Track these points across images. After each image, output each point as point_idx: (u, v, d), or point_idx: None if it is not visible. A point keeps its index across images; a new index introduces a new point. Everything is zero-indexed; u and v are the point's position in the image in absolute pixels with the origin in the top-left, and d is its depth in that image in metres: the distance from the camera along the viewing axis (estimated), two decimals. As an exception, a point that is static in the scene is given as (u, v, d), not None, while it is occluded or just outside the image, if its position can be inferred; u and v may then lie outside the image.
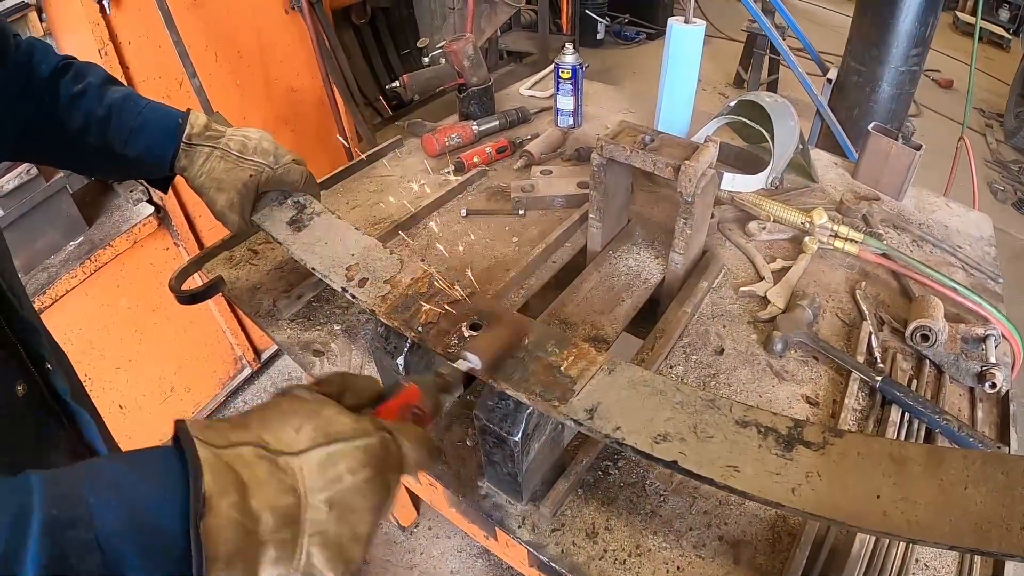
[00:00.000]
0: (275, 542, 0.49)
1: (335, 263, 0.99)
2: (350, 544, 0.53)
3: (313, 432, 0.54)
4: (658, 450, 0.65)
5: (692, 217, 1.13)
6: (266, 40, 2.25)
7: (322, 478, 0.52)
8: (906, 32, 2.13)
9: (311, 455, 0.53)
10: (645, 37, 6.07)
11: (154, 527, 0.44)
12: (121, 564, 0.42)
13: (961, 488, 0.61)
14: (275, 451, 0.52)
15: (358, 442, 0.55)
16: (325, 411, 0.57)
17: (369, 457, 0.55)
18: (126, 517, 0.44)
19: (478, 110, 1.85)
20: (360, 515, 0.54)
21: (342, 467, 0.53)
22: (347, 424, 0.56)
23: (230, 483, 0.47)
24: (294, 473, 0.52)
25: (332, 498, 0.52)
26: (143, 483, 0.46)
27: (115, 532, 0.43)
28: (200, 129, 1.03)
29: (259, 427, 0.54)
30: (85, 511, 0.42)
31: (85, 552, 0.41)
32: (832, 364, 1.11)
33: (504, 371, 0.75)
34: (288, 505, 0.50)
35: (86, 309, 1.89)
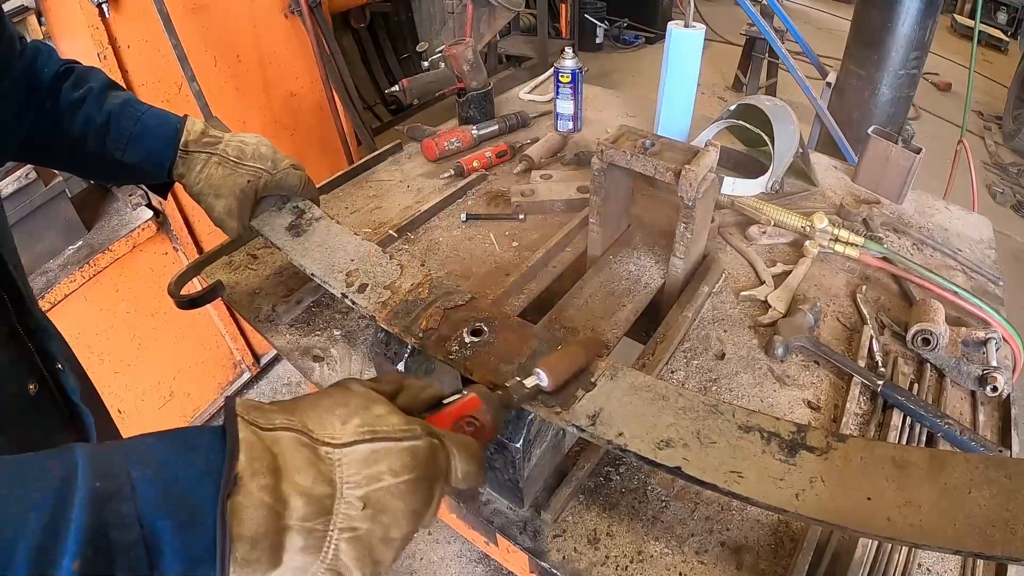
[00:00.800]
0: (303, 530, 0.48)
1: (334, 268, 0.99)
2: (380, 546, 0.52)
3: (359, 426, 0.54)
4: (661, 456, 0.64)
5: (693, 221, 1.13)
6: (265, 45, 2.25)
7: (361, 474, 0.51)
8: (905, 36, 2.14)
9: (354, 449, 0.52)
10: (644, 41, 6.09)
11: (190, 504, 0.45)
12: (158, 539, 0.43)
13: (964, 492, 0.60)
14: (318, 440, 0.52)
15: (405, 444, 0.54)
16: (376, 408, 0.56)
17: (414, 460, 0.54)
18: (165, 493, 0.44)
19: (478, 114, 1.85)
20: (394, 518, 0.52)
21: (384, 466, 0.52)
22: (396, 424, 0.55)
23: (265, 465, 0.48)
24: (333, 465, 0.51)
25: (368, 496, 0.51)
26: (184, 460, 0.47)
27: (154, 507, 0.43)
28: (196, 135, 1.02)
29: (307, 413, 0.54)
30: (127, 484, 0.43)
31: (125, 525, 0.42)
32: (833, 368, 1.11)
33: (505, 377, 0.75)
34: (322, 495, 0.50)
35: (85, 313, 1.89)
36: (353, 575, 0.52)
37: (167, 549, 0.43)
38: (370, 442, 0.53)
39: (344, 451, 0.52)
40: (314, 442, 0.51)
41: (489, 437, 0.65)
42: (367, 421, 0.54)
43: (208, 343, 2.42)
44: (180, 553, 0.44)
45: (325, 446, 0.52)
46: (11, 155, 1.00)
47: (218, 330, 2.44)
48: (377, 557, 0.52)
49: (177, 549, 0.44)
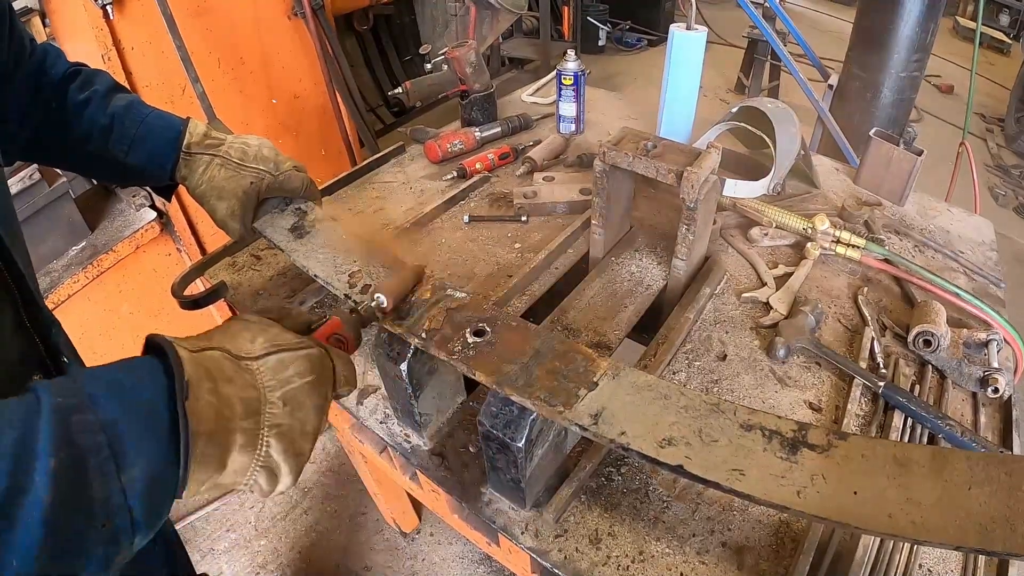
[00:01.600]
0: (241, 430, 0.57)
1: (337, 269, 0.99)
2: (300, 438, 0.63)
3: (265, 342, 0.64)
4: (663, 454, 0.65)
5: (694, 223, 1.13)
6: (269, 47, 2.26)
7: (276, 379, 0.62)
8: (907, 38, 2.14)
9: (267, 360, 0.63)
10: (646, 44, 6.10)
11: (145, 407, 0.52)
12: (120, 440, 0.49)
13: (965, 489, 0.61)
14: (236, 356, 0.62)
15: (303, 352, 0.65)
16: (272, 329, 0.67)
17: (312, 364, 0.65)
18: (121, 401, 0.51)
19: (480, 116, 1.86)
20: (308, 413, 0.64)
21: (292, 371, 0.63)
22: (292, 338, 0.67)
23: (205, 374, 0.56)
24: (253, 373, 0.61)
25: (285, 395, 0.62)
26: (129, 376, 0.54)
27: (112, 413, 0.50)
28: (199, 138, 1.03)
29: (221, 339, 0.63)
30: (85, 399, 0.49)
31: (90, 431, 0.48)
32: (835, 370, 1.11)
33: (508, 377, 0.75)
34: (252, 398, 0.59)
35: (88, 314, 1.90)
36: (281, 468, 0.62)
37: (129, 448, 0.50)
38: (277, 353, 0.64)
39: (259, 362, 0.62)
40: (236, 358, 0.61)
41: (353, 349, 0.79)
42: (269, 338, 0.65)
43: (211, 344, 2.43)
44: (141, 450, 0.50)
45: (244, 360, 0.62)
46: (17, 155, 1.01)
47: (221, 331, 2.44)
48: (299, 449, 0.63)
49: (138, 447, 0.50)
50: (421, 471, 0.99)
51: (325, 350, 0.69)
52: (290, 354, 0.64)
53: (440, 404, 1.00)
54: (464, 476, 0.96)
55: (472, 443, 1.00)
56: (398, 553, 2.12)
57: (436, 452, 1.00)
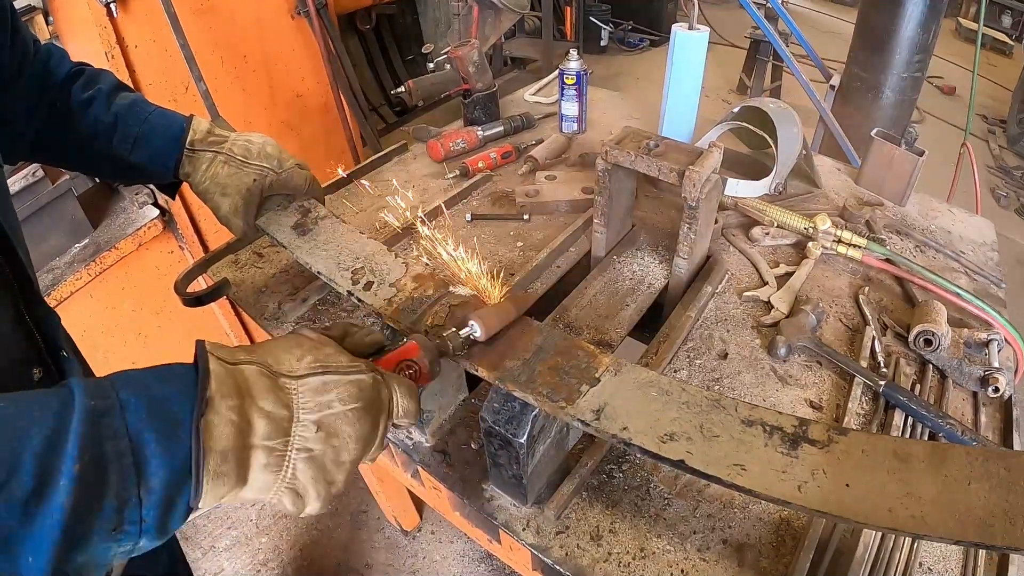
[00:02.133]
0: (265, 449, 0.55)
1: (340, 266, 1.00)
2: (333, 467, 0.60)
3: (312, 362, 0.61)
4: (665, 449, 0.65)
5: (696, 222, 1.13)
6: (272, 45, 2.26)
7: (314, 401, 0.59)
8: (908, 38, 2.14)
9: (308, 380, 0.60)
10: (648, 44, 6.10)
11: (171, 419, 0.51)
12: (144, 449, 0.49)
13: (965, 484, 0.61)
14: (276, 373, 0.59)
15: (352, 376, 0.62)
16: (326, 348, 0.64)
17: (360, 391, 0.61)
18: (149, 410, 0.51)
19: (483, 116, 1.86)
20: (344, 442, 0.60)
21: (334, 395, 0.60)
22: (344, 360, 0.63)
23: (232, 390, 0.55)
24: (290, 392, 0.59)
25: (321, 420, 0.59)
26: (164, 384, 0.53)
27: (140, 421, 0.50)
28: (203, 135, 1.04)
29: (265, 353, 0.61)
30: (116, 403, 0.50)
31: (116, 436, 0.48)
32: (836, 369, 1.11)
33: (511, 373, 0.76)
34: (281, 417, 0.57)
35: (91, 311, 1.90)
36: (309, 494, 0.59)
37: (151, 458, 0.50)
38: (322, 374, 0.60)
39: (299, 382, 0.59)
40: (274, 374, 0.59)
41: (426, 381, 0.73)
42: (318, 358, 0.62)
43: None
44: (162, 462, 0.50)
45: (283, 377, 0.59)
46: (23, 155, 1.02)
47: (223, 329, 2.45)
48: (330, 478, 0.60)
49: (160, 458, 0.50)
50: (423, 468, 0.99)
51: (382, 376, 0.65)
52: (336, 377, 0.61)
53: (442, 401, 1.00)
54: (466, 473, 0.96)
55: (474, 440, 1.00)
56: (399, 551, 2.12)
57: (438, 449, 1.00)
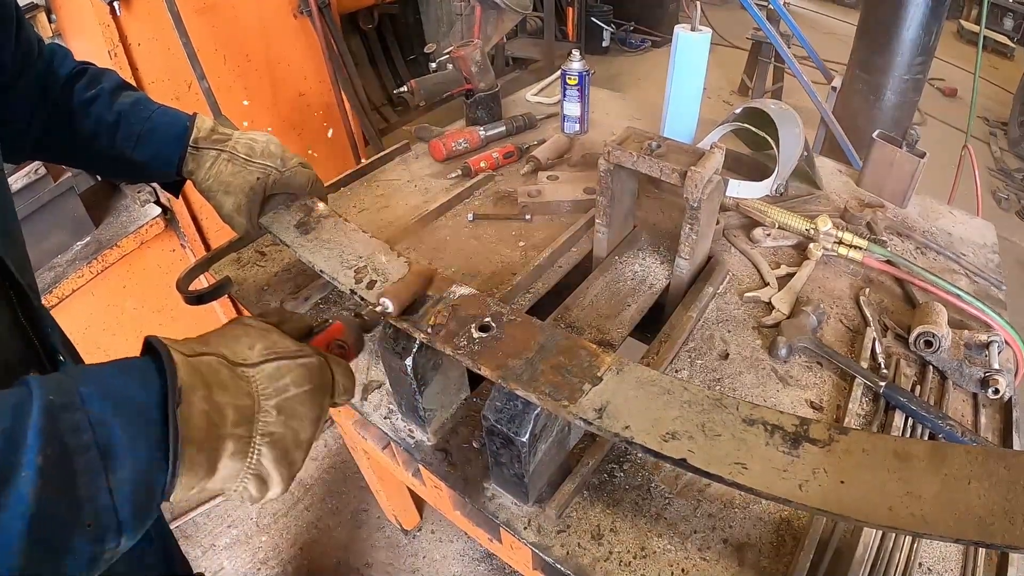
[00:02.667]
0: (233, 437, 0.57)
1: (343, 265, 1.00)
2: (293, 448, 0.62)
3: (264, 349, 0.64)
4: (667, 448, 0.66)
5: (698, 223, 1.14)
6: (274, 44, 2.27)
7: (272, 387, 0.61)
8: (910, 40, 2.14)
9: (263, 367, 0.62)
10: (650, 45, 6.10)
11: (137, 410, 0.52)
12: (110, 441, 0.49)
13: (965, 483, 0.62)
14: (233, 362, 0.61)
15: (301, 360, 0.65)
16: (271, 335, 0.66)
17: (310, 373, 0.65)
18: (113, 403, 0.51)
19: (485, 116, 1.86)
20: (302, 423, 0.63)
21: (288, 379, 0.63)
22: (291, 345, 0.66)
23: (200, 381, 0.56)
24: (249, 380, 0.61)
25: (280, 404, 0.61)
26: (126, 377, 0.54)
27: (104, 414, 0.50)
28: (207, 133, 1.04)
29: (218, 343, 0.63)
30: (77, 398, 0.49)
31: (79, 429, 0.48)
32: (836, 370, 1.12)
33: (513, 371, 0.76)
34: (246, 406, 0.59)
35: (92, 309, 1.90)
36: (272, 477, 0.61)
37: (118, 449, 0.50)
38: (274, 361, 0.63)
39: (255, 369, 0.62)
40: (231, 364, 0.61)
41: (353, 356, 0.77)
42: (267, 345, 0.64)
43: (214, 340, 2.43)
44: (130, 452, 0.50)
45: (240, 366, 0.61)
46: (26, 154, 1.02)
47: (223, 327, 2.45)
48: (291, 458, 0.62)
49: (127, 449, 0.50)
50: (424, 466, 1.00)
51: (324, 358, 0.68)
52: (288, 362, 0.64)
53: (444, 400, 1.01)
54: (467, 471, 0.97)
55: (475, 439, 1.00)
56: (399, 550, 2.12)
57: (440, 448, 1.00)
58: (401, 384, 0.95)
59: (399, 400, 1.02)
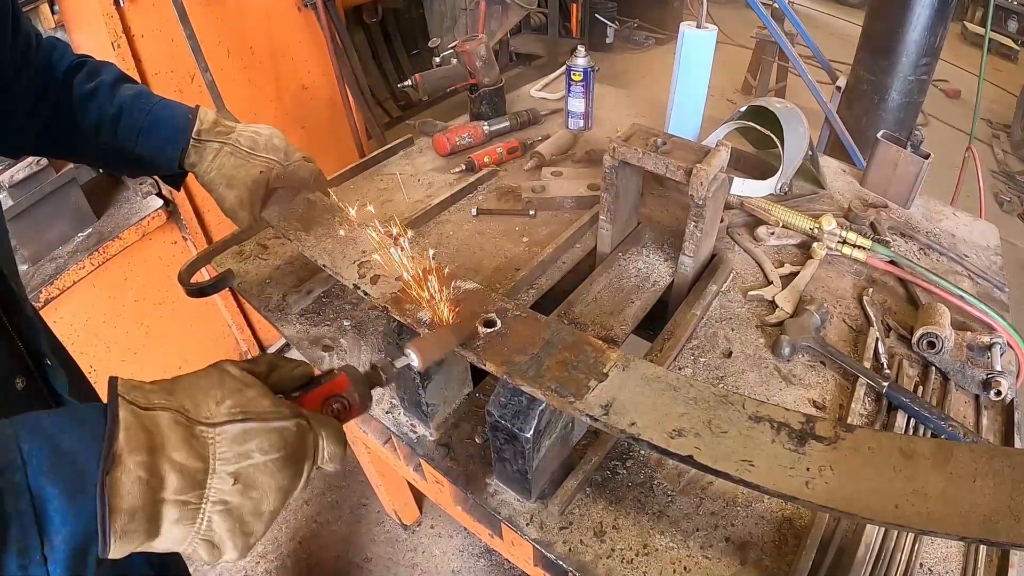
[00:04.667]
0: (177, 503, 0.52)
1: (346, 260, 1.00)
2: (251, 519, 0.56)
3: (232, 407, 0.57)
4: (674, 445, 0.65)
5: (703, 220, 1.13)
6: (278, 37, 2.26)
7: (232, 451, 0.55)
8: (916, 41, 2.13)
9: (226, 428, 0.56)
10: (654, 42, 6.08)
11: (76, 473, 0.49)
12: (46, 505, 0.47)
13: (970, 481, 0.62)
14: (193, 419, 0.55)
15: (274, 424, 0.58)
16: (249, 391, 0.60)
17: (282, 441, 0.58)
18: (52, 463, 0.48)
19: (489, 111, 1.86)
20: (264, 493, 0.57)
21: (254, 445, 0.56)
22: (266, 406, 0.59)
23: (143, 443, 0.51)
24: (206, 442, 0.55)
25: (239, 472, 0.55)
26: (70, 434, 0.51)
27: (42, 474, 0.47)
28: (210, 125, 1.03)
29: (183, 394, 0.57)
30: (18, 457, 0.47)
31: (16, 493, 0.46)
32: (839, 369, 1.12)
33: (519, 367, 0.76)
34: (195, 470, 0.53)
35: (93, 301, 1.90)
36: (226, 546, 0.56)
37: (54, 516, 0.47)
38: (242, 422, 0.57)
39: (217, 430, 0.56)
40: (190, 421, 0.55)
41: (357, 415, 0.69)
42: (239, 403, 0.58)
43: (214, 333, 2.44)
44: (66, 519, 0.48)
45: (200, 425, 0.55)
46: (27, 149, 1.01)
47: (224, 320, 2.45)
48: (248, 529, 0.56)
49: (63, 515, 0.48)
50: (427, 461, 0.99)
51: (307, 422, 0.61)
52: (257, 425, 0.57)
53: (447, 395, 1.01)
54: (470, 467, 0.96)
55: (478, 434, 1.00)
56: (398, 545, 2.13)
57: (442, 443, 1.00)
58: (404, 379, 0.94)
59: (402, 395, 1.02)
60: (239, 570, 2.06)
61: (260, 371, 0.64)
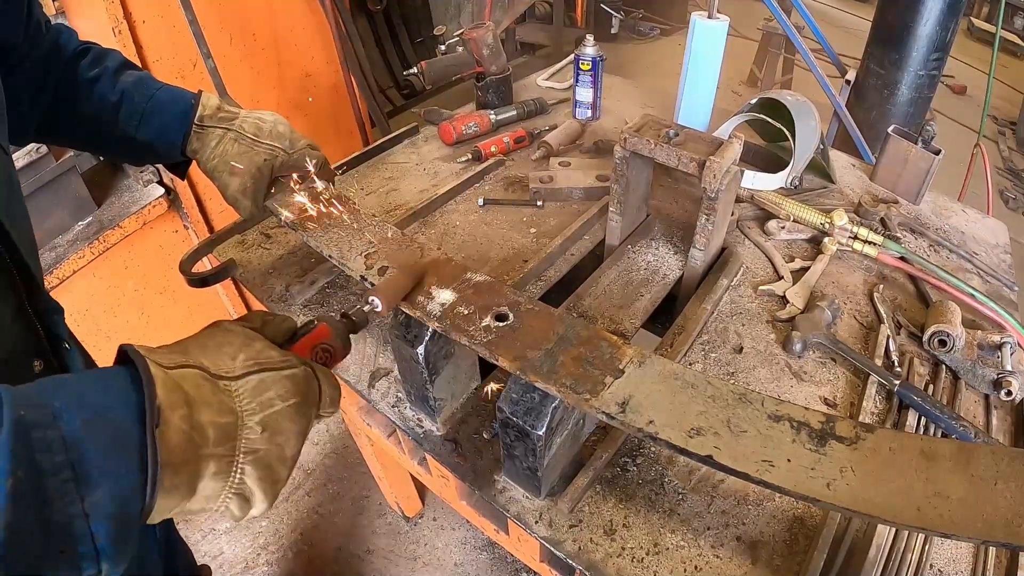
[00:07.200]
0: (215, 456, 0.54)
1: (353, 250, 0.98)
2: (278, 464, 0.59)
3: (247, 360, 0.60)
4: (692, 444, 0.64)
5: (715, 213, 1.12)
6: (281, 23, 2.23)
7: (255, 401, 0.58)
8: (927, 36, 2.11)
9: (247, 380, 0.58)
10: (659, 33, 6.04)
11: (115, 429, 0.48)
12: (84, 461, 0.46)
13: (991, 484, 0.61)
14: (214, 375, 0.57)
15: (286, 372, 0.61)
16: (255, 343, 0.62)
17: (296, 386, 0.61)
18: (88, 419, 0.47)
19: (496, 99, 1.84)
20: (287, 438, 0.59)
21: (273, 393, 0.59)
22: (275, 356, 0.62)
23: (180, 398, 0.52)
24: (231, 395, 0.57)
25: (264, 420, 0.58)
26: (104, 391, 0.50)
27: (78, 431, 0.46)
28: (212, 111, 1.01)
29: (199, 353, 0.59)
30: (50, 413, 0.46)
31: (51, 449, 0.45)
32: (850, 366, 1.10)
33: (532, 363, 0.74)
34: (228, 423, 0.55)
35: (93, 290, 1.88)
36: (256, 496, 0.58)
37: (94, 472, 0.46)
38: (258, 373, 0.59)
39: (238, 383, 0.58)
40: (213, 377, 0.57)
41: (340, 359, 0.74)
42: (251, 355, 0.60)
43: (215, 323, 2.42)
44: (107, 475, 0.47)
45: (222, 379, 0.57)
46: (31, 136, 1.00)
47: (226, 310, 2.43)
48: (276, 476, 0.59)
49: (104, 471, 0.47)
50: (433, 457, 0.98)
51: (311, 367, 0.65)
52: (272, 374, 0.60)
53: (455, 389, 0.99)
54: (477, 463, 0.95)
55: (486, 429, 0.99)
56: (400, 537, 2.12)
57: (449, 438, 0.99)
58: (411, 372, 0.93)
59: (408, 389, 1.00)
60: (240, 560, 2.05)
61: (255, 326, 0.67)
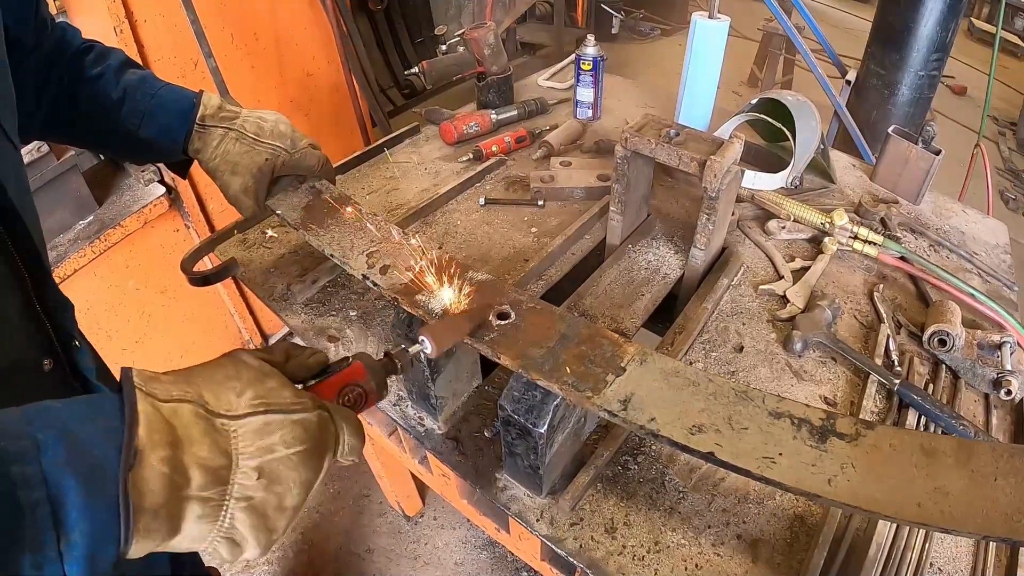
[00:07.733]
0: (200, 500, 0.50)
1: (355, 249, 0.98)
2: (275, 514, 0.54)
3: (253, 398, 0.55)
4: (694, 441, 0.64)
5: (715, 213, 1.12)
6: (283, 23, 2.23)
7: (255, 445, 0.53)
8: (927, 37, 2.11)
9: (248, 421, 0.54)
10: (659, 33, 6.04)
11: (95, 466, 0.46)
12: (63, 498, 0.44)
13: (991, 480, 0.61)
14: (213, 412, 0.53)
15: (296, 416, 0.56)
16: (268, 380, 0.57)
17: (306, 432, 0.56)
18: (69, 452, 0.45)
19: (497, 99, 1.84)
20: (288, 487, 0.55)
21: (277, 438, 0.54)
22: (287, 396, 0.57)
23: (165, 438, 0.49)
24: (228, 436, 0.53)
25: (262, 466, 0.53)
26: (88, 423, 0.48)
27: (59, 465, 0.44)
28: (214, 110, 1.01)
29: (202, 385, 0.55)
30: (32, 445, 0.44)
31: (31, 484, 0.43)
32: (850, 366, 1.11)
33: (534, 361, 0.74)
34: (219, 466, 0.51)
35: (94, 289, 1.88)
36: (248, 543, 0.54)
37: (72, 510, 0.44)
38: (264, 414, 0.54)
39: (239, 423, 0.53)
40: (210, 414, 0.53)
41: (373, 403, 0.68)
42: (260, 394, 0.56)
43: (217, 322, 2.42)
44: (84, 515, 0.45)
45: (221, 418, 0.53)
46: (34, 134, 1.00)
47: (227, 309, 2.43)
48: (272, 525, 0.54)
49: (82, 510, 0.45)
50: (435, 455, 0.98)
51: (328, 413, 0.59)
52: (280, 416, 0.55)
53: (456, 387, 0.99)
54: (478, 461, 0.95)
55: (487, 428, 0.99)
56: (401, 536, 2.12)
57: (451, 436, 0.99)
58: (413, 371, 0.93)
59: (410, 387, 1.00)
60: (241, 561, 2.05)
61: (277, 360, 0.62)
